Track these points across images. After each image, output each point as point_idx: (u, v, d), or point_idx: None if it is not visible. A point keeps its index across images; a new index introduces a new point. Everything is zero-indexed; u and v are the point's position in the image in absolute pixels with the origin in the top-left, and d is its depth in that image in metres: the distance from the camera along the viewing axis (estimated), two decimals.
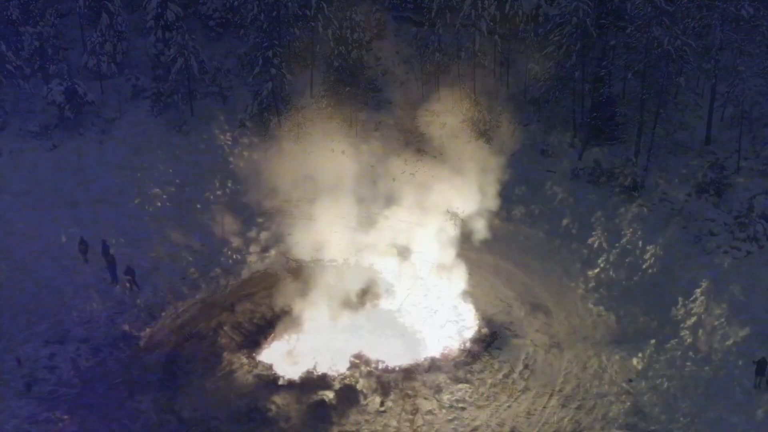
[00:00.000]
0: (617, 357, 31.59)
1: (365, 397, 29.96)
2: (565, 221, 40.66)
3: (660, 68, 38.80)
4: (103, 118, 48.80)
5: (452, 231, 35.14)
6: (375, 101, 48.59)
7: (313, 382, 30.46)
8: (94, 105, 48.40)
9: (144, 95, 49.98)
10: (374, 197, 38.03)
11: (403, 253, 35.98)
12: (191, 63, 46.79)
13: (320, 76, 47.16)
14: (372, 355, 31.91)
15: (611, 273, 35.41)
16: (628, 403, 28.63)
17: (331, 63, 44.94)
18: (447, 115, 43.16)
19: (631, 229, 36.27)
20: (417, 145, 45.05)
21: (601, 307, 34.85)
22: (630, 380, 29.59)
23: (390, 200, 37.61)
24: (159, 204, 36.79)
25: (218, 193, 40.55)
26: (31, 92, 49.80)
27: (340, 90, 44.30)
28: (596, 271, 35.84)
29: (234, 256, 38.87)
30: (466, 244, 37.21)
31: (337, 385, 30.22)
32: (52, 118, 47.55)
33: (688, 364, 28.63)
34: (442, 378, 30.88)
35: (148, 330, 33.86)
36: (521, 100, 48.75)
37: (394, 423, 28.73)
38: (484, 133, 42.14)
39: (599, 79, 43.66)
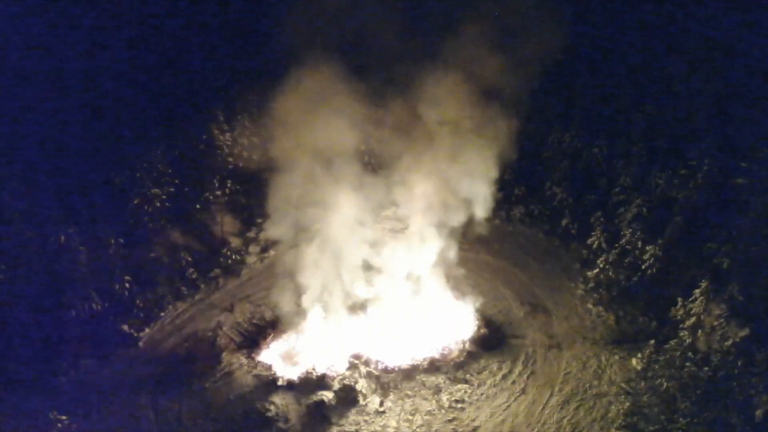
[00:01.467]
0: (616, 357, 31.63)
1: (364, 397, 29.99)
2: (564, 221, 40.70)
3: None
4: None
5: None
6: None
7: (312, 383, 30.51)
8: None
9: None
10: None
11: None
12: None
13: None
14: (371, 355, 31.98)
15: (610, 273, 35.37)
16: (628, 404, 28.64)
17: None
18: None
19: (630, 230, 36.21)
20: None
21: (601, 308, 34.88)
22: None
23: None
24: (159, 203, 36.83)
25: (218, 193, 40.55)
26: None
27: None
28: (596, 271, 35.78)
29: (233, 257, 38.87)
30: (465, 243, 37.26)
31: (336, 386, 30.25)
32: None
33: (688, 364, 28.57)
34: (441, 378, 30.91)
35: (147, 330, 33.90)
36: None
37: (393, 423, 28.75)
38: None
39: None
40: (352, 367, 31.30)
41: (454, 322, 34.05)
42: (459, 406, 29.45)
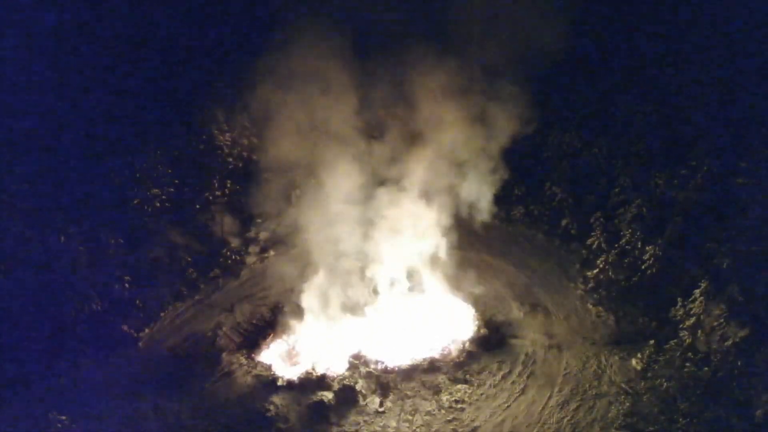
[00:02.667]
0: (616, 357, 31.62)
1: (364, 397, 29.99)
2: (564, 221, 40.66)
3: None
4: None
5: None
6: None
7: (312, 383, 30.51)
8: None
9: None
10: None
11: None
12: None
13: None
14: (371, 355, 31.98)
15: (610, 273, 35.37)
16: (627, 404, 28.65)
17: None
18: None
19: (630, 230, 36.20)
20: None
21: (600, 308, 34.85)
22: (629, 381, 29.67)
23: None
24: (158, 204, 36.88)
25: (218, 193, 40.56)
26: None
27: None
28: (595, 271, 35.76)
29: (233, 257, 38.87)
30: (464, 244, 37.26)
31: (336, 386, 30.25)
32: None
33: (687, 364, 28.63)
34: (441, 378, 30.90)
35: (147, 331, 33.90)
36: None
37: (393, 423, 28.75)
38: None
39: None
40: (352, 367, 31.31)
41: (453, 322, 34.05)
42: (459, 406, 29.45)
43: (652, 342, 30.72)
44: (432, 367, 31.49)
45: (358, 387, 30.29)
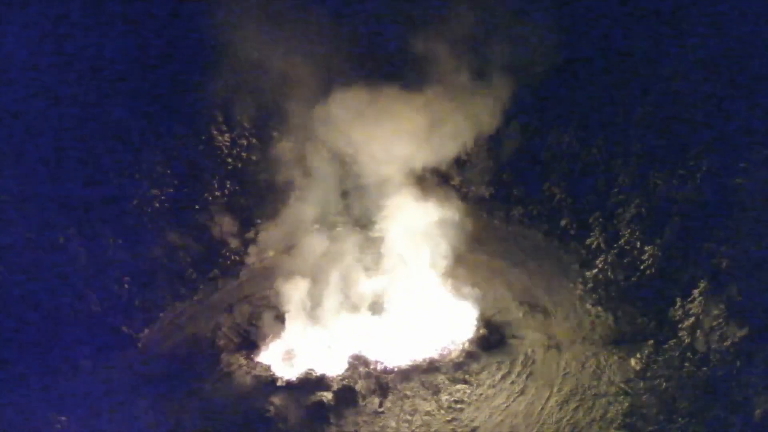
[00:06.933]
0: (615, 357, 31.64)
1: (363, 397, 30.02)
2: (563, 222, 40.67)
3: None
4: None
5: None
6: None
7: (311, 383, 30.54)
8: None
9: None
10: None
11: None
12: None
13: None
14: (370, 355, 31.99)
15: (609, 273, 35.39)
16: (627, 404, 28.69)
17: None
18: None
19: (629, 230, 36.21)
20: None
21: (600, 308, 34.84)
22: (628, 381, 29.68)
23: None
24: (157, 204, 36.91)
25: (217, 194, 40.55)
26: None
27: None
28: (594, 271, 35.76)
29: (232, 257, 38.88)
30: (463, 244, 37.24)
31: (335, 386, 30.27)
32: None
33: (686, 364, 28.62)
34: (440, 378, 30.94)
35: (146, 331, 33.92)
36: None
37: (392, 424, 28.78)
38: None
39: None
40: (351, 367, 31.34)
41: (453, 322, 34.06)
42: (458, 406, 29.49)
43: (651, 342, 30.69)
44: (431, 367, 31.53)
45: (357, 387, 30.32)
